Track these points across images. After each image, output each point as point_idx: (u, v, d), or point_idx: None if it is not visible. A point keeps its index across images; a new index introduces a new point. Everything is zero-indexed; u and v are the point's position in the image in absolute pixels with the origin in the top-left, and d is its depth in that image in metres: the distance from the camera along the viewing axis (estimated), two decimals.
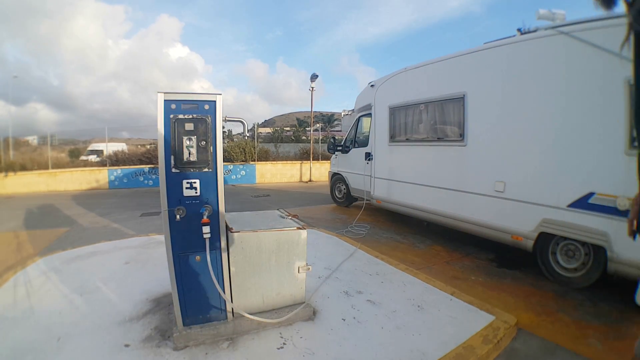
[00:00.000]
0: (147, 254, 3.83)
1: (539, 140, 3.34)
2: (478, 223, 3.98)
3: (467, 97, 4.04)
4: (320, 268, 3.37)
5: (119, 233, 5.28)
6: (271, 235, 2.27)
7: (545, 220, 3.28)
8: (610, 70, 2.75)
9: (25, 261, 3.71)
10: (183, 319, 2.09)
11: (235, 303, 2.19)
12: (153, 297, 2.70)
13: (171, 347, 2.03)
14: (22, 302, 2.66)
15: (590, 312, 2.74)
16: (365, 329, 2.31)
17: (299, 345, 2.09)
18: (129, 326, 2.27)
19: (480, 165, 3.95)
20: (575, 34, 2.97)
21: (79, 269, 3.40)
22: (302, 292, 2.45)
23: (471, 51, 4.00)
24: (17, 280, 3.12)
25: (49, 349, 2.02)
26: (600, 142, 2.87)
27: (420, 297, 2.78)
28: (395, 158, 5.41)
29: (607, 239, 2.84)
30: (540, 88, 3.29)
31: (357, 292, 2.87)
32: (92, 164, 12.94)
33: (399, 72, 5.26)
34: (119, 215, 6.85)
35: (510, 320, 2.43)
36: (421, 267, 3.68)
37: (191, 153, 1.97)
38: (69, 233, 5.42)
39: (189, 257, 2.04)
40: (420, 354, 2.03)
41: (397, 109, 5.22)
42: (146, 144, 15.12)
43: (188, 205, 2.00)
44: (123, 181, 12.10)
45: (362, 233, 5.12)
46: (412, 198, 5.00)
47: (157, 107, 1.89)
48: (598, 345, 2.25)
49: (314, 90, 14.20)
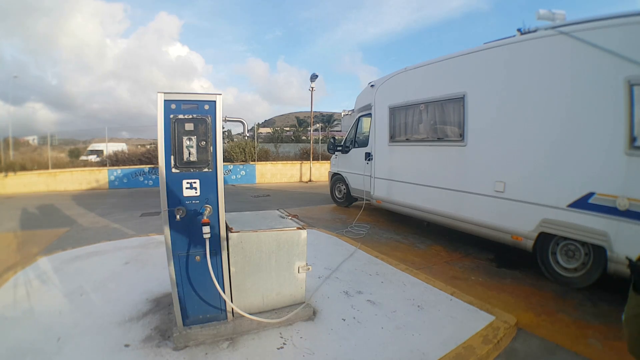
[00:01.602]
0: (147, 254, 3.83)
1: (539, 140, 3.34)
2: (478, 223, 3.98)
3: (467, 97, 4.04)
4: (320, 268, 3.37)
5: (119, 233, 5.28)
6: (271, 235, 2.27)
7: (545, 220, 3.27)
8: (610, 70, 2.75)
9: (25, 261, 3.71)
10: (183, 319, 2.09)
11: (235, 303, 2.19)
12: (153, 297, 2.70)
13: (171, 347, 2.03)
14: (22, 302, 2.66)
15: (590, 312, 2.74)
16: (365, 329, 2.31)
17: (299, 345, 2.09)
18: (129, 326, 2.27)
19: (480, 165, 3.95)
20: (575, 34, 2.97)
21: (79, 269, 3.40)
22: (302, 292, 2.45)
23: (471, 51, 4.00)
24: (17, 280, 3.12)
25: (49, 349, 2.02)
26: (600, 142, 2.87)
27: (420, 297, 2.78)
28: (395, 158, 5.41)
29: (607, 239, 2.84)
30: (541, 88, 3.29)
31: (357, 292, 2.87)
32: (92, 164, 12.95)
33: (399, 72, 5.26)
34: (119, 215, 6.85)
35: (510, 320, 2.43)
36: (421, 267, 3.68)
37: (191, 153, 1.97)
38: (69, 233, 5.42)
39: (188, 257, 2.04)
40: (420, 354, 2.03)
41: (397, 109, 5.22)
42: (146, 144, 15.12)
43: (188, 205, 2.00)
44: (123, 181, 12.09)
45: (362, 233, 5.12)
46: (412, 198, 5.00)
47: (157, 107, 1.89)
48: (598, 346, 2.25)
49: (313, 90, 14.21)
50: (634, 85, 2.63)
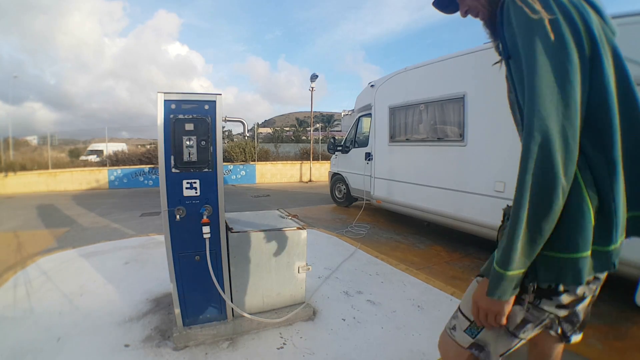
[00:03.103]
0: (147, 254, 3.83)
1: None
2: (478, 223, 3.98)
3: (467, 97, 4.04)
4: (320, 268, 3.37)
5: (119, 233, 5.28)
6: (271, 235, 2.27)
7: None
8: None
9: (25, 261, 3.71)
10: (183, 319, 2.09)
11: (235, 303, 2.19)
12: (153, 297, 2.70)
13: (171, 347, 2.03)
14: (22, 302, 2.66)
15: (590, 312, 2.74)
16: (365, 329, 2.31)
17: (299, 345, 2.09)
18: (128, 326, 2.27)
19: (481, 165, 3.95)
20: None
21: (79, 269, 3.40)
22: (302, 292, 2.46)
23: (471, 51, 3.99)
24: (17, 280, 3.12)
25: (49, 349, 2.02)
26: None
27: (420, 297, 2.78)
28: (395, 158, 5.41)
29: None
30: None
31: (357, 292, 2.87)
32: (92, 164, 12.96)
33: (398, 72, 5.26)
34: (119, 215, 6.85)
35: None
36: (421, 267, 3.68)
37: (191, 153, 1.97)
38: (69, 233, 5.42)
39: (189, 257, 2.04)
40: (420, 354, 2.03)
41: (397, 109, 5.22)
42: (146, 144, 15.15)
43: (188, 205, 2.00)
44: (123, 181, 12.10)
45: (362, 233, 5.12)
46: (412, 198, 5.00)
47: (157, 107, 1.89)
48: (598, 345, 2.25)
49: (314, 90, 14.22)
50: None
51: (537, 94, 0.73)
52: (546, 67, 0.74)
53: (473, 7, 0.99)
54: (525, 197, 0.75)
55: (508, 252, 0.78)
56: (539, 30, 0.75)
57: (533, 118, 0.74)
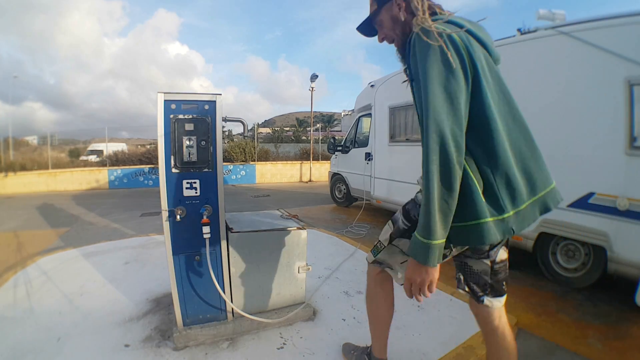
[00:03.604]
0: (147, 254, 3.83)
1: (538, 140, 3.32)
2: None
3: None
4: (320, 268, 3.37)
5: (119, 233, 5.28)
6: (271, 235, 2.27)
7: (545, 220, 3.27)
8: (610, 70, 2.75)
9: (25, 261, 3.71)
10: (183, 319, 2.09)
11: (235, 303, 2.19)
12: (153, 297, 2.70)
13: (171, 347, 2.03)
14: (22, 302, 2.66)
15: (590, 312, 2.74)
16: (365, 329, 2.29)
17: (299, 345, 2.09)
18: (129, 326, 2.27)
19: None
20: (575, 34, 2.97)
21: (79, 269, 3.40)
22: (302, 292, 2.46)
23: None
24: (17, 280, 3.12)
25: (49, 349, 2.02)
26: (600, 142, 2.87)
27: None
28: (395, 158, 5.41)
29: (607, 239, 2.84)
30: (540, 88, 3.29)
31: (357, 292, 2.87)
32: (92, 164, 12.96)
33: (399, 72, 5.26)
34: (119, 215, 6.85)
35: (511, 321, 2.41)
36: None
37: (191, 153, 1.97)
38: (69, 233, 5.42)
39: (189, 257, 2.05)
40: (420, 354, 2.03)
41: (397, 109, 5.22)
42: (146, 144, 15.16)
43: (188, 205, 2.00)
44: (123, 181, 12.10)
45: (362, 233, 5.12)
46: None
47: (157, 107, 1.89)
48: (598, 345, 2.25)
49: (314, 90, 14.23)
50: (634, 85, 2.63)
51: (434, 106, 0.98)
52: (440, 87, 0.99)
53: (389, 35, 1.28)
54: (433, 181, 0.97)
55: (430, 225, 0.98)
56: (435, 60, 1.00)
57: (431, 123, 0.97)
